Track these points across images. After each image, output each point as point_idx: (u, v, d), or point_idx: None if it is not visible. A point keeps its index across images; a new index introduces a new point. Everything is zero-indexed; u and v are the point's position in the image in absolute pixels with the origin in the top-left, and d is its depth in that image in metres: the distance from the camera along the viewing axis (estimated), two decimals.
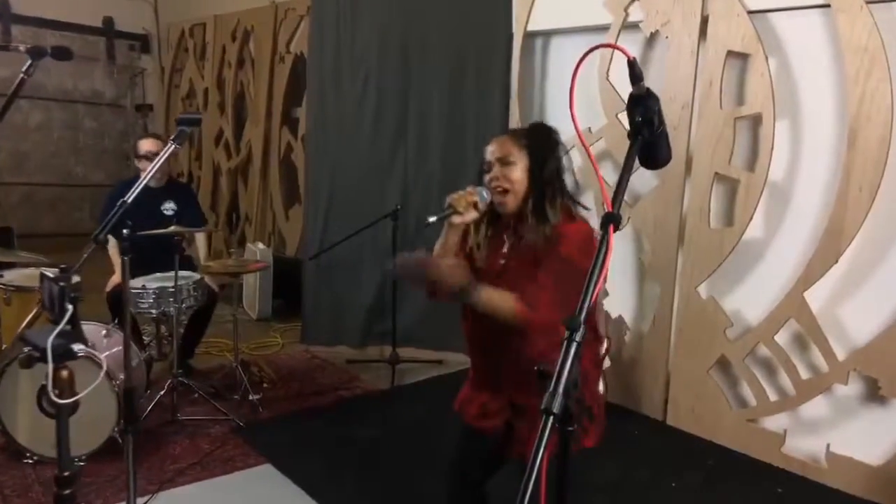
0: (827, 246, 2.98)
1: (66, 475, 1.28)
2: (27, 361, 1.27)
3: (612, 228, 0.95)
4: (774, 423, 3.26)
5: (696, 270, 3.44)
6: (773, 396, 3.25)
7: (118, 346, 3.20)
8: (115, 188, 3.98)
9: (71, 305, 1.24)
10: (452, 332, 4.23)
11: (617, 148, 3.72)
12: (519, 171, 1.79)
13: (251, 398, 3.67)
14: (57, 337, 1.22)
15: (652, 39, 3.60)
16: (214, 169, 6.84)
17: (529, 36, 4.14)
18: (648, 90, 1.06)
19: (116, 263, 3.76)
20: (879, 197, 2.83)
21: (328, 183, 4.58)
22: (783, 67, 3.17)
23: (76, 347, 1.26)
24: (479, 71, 4.25)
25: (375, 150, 4.46)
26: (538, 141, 1.83)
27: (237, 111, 6.52)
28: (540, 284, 1.67)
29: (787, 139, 3.18)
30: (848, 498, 2.94)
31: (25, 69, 1.81)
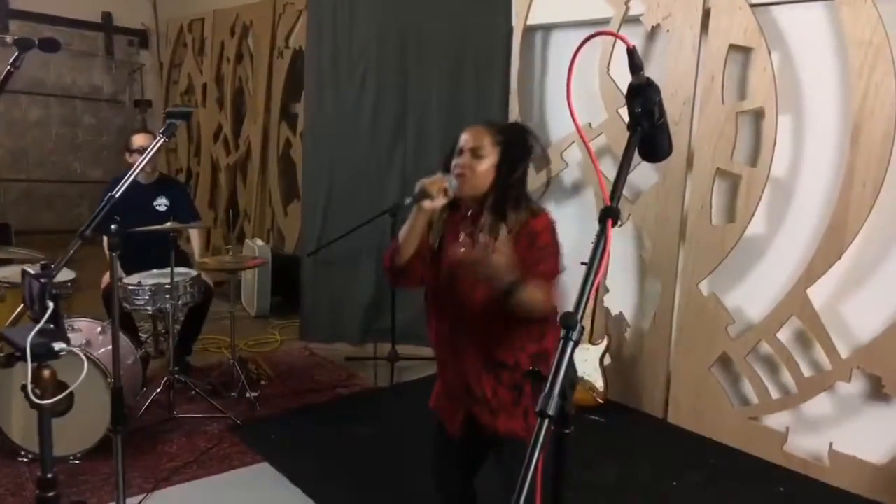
0: (830, 242, 2.95)
1: (48, 477, 1.25)
2: (7, 361, 1.24)
3: (610, 223, 0.92)
4: (776, 421, 3.22)
5: (697, 267, 3.40)
6: (775, 394, 3.22)
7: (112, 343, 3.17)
8: (108, 187, 3.95)
9: (52, 303, 1.20)
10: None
11: (617, 143, 3.68)
12: (486, 164, 1.80)
13: (249, 396, 3.64)
14: (37, 335, 1.19)
15: (653, 33, 3.56)
16: (213, 165, 6.81)
17: (529, 30, 4.10)
18: (649, 80, 1.03)
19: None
20: (883, 193, 2.79)
21: (326, 179, 4.54)
22: (786, 61, 3.13)
23: (58, 346, 1.23)
24: (478, 65, 4.21)
25: (374, 145, 4.42)
26: (513, 141, 1.84)
27: (236, 107, 6.48)
28: (544, 275, 1.72)
29: (789, 134, 3.15)
30: (851, 497, 2.91)
31: (13, 61, 1.77)
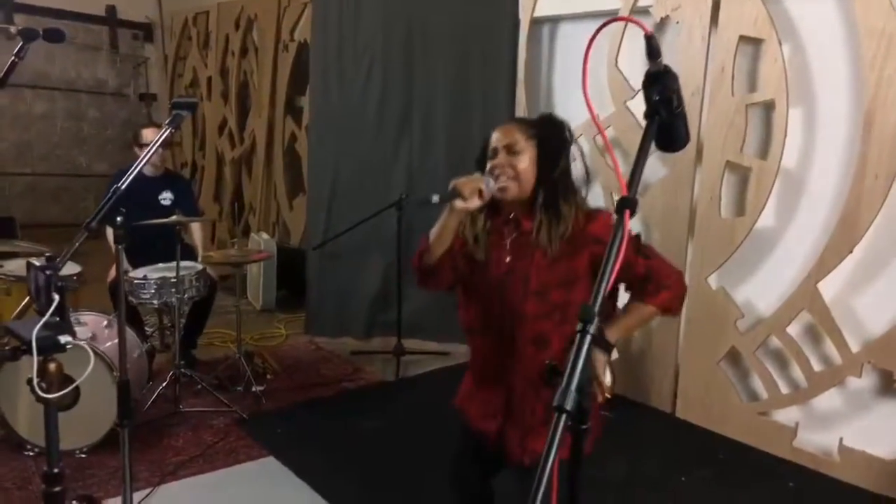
0: (841, 235, 2.91)
1: (55, 472, 1.24)
2: (12, 354, 1.22)
3: (627, 214, 0.89)
4: (786, 416, 3.20)
5: (706, 261, 3.37)
6: (784, 389, 3.19)
7: (118, 336, 3.16)
8: (113, 180, 3.94)
9: (58, 295, 1.18)
10: (458, 323, 4.25)
11: (625, 136, 3.65)
12: (526, 160, 1.70)
13: (254, 390, 3.63)
14: (43, 328, 1.17)
15: (662, 24, 3.52)
16: (218, 158, 6.79)
17: (536, 22, 4.07)
18: (667, 67, 1.00)
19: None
20: None
21: (332, 172, 4.52)
22: (797, 52, 3.09)
23: (63, 339, 1.21)
24: (484, 58, 4.18)
25: (380, 138, 4.40)
26: (549, 134, 1.74)
27: (241, 100, 6.46)
28: (649, 268, 1.70)
29: (800, 126, 3.11)
30: (861, 492, 2.88)
31: (17, 51, 1.76)
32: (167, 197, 3.83)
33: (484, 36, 4.16)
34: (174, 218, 3.42)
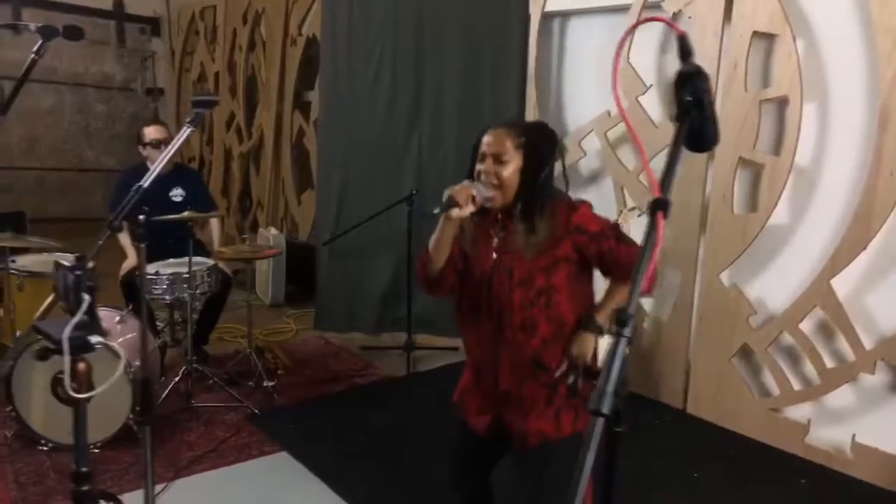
0: (855, 232, 2.90)
1: (83, 471, 1.24)
2: (43, 354, 1.22)
3: (660, 216, 0.88)
4: (798, 412, 3.19)
5: (718, 257, 3.36)
6: (797, 386, 3.18)
7: (132, 332, 3.18)
8: (122, 176, 3.94)
9: (88, 295, 1.19)
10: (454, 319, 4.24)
11: (636, 131, 3.63)
12: (510, 170, 1.77)
13: (266, 385, 3.64)
14: (73, 329, 1.17)
15: (674, 19, 3.49)
16: (226, 153, 6.79)
17: (547, 17, 4.05)
18: (699, 68, 0.99)
19: (128, 248, 3.73)
20: None
21: (342, 167, 4.51)
22: (811, 48, 3.07)
23: (94, 339, 1.21)
24: (495, 53, 4.16)
25: (390, 132, 4.38)
26: (537, 145, 1.81)
27: (248, 95, 6.45)
28: (630, 255, 1.76)
29: (814, 122, 3.09)
30: (874, 489, 2.88)
31: (36, 49, 1.75)
32: (178, 193, 3.82)
33: (494, 30, 4.14)
34: (187, 213, 3.42)
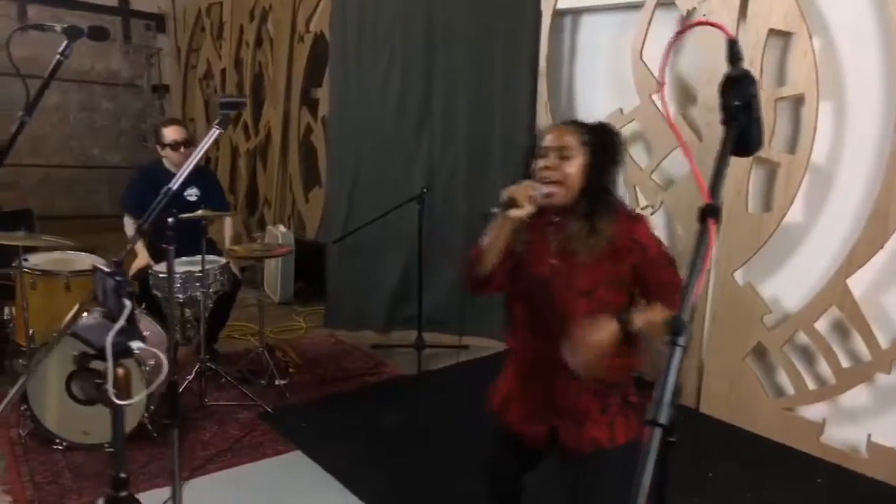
0: (872, 231, 2.89)
1: (122, 476, 1.23)
2: (82, 360, 1.22)
3: (712, 223, 0.88)
4: (813, 412, 3.18)
5: (732, 256, 3.35)
6: (811, 385, 3.18)
7: (146, 330, 3.16)
8: (135, 174, 3.92)
9: (128, 301, 1.18)
10: (478, 316, 4.24)
11: (650, 130, 3.63)
12: (575, 165, 1.72)
13: (278, 383, 3.64)
14: (115, 335, 1.16)
15: (688, 17, 3.48)
16: (233, 150, 6.78)
17: (559, 14, 4.04)
18: (747, 72, 0.98)
19: (139, 249, 3.72)
20: None
21: (351, 165, 4.50)
22: (828, 46, 3.05)
23: (135, 345, 1.21)
24: (506, 49, 4.14)
25: (400, 129, 4.37)
26: (602, 143, 1.76)
27: (255, 92, 6.43)
28: (669, 276, 1.74)
29: (830, 121, 3.08)
30: (890, 489, 2.87)
31: (62, 50, 1.74)
32: (193, 193, 3.81)
33: (505, 28, 4.13)
34: (199, 213, 3.41)
